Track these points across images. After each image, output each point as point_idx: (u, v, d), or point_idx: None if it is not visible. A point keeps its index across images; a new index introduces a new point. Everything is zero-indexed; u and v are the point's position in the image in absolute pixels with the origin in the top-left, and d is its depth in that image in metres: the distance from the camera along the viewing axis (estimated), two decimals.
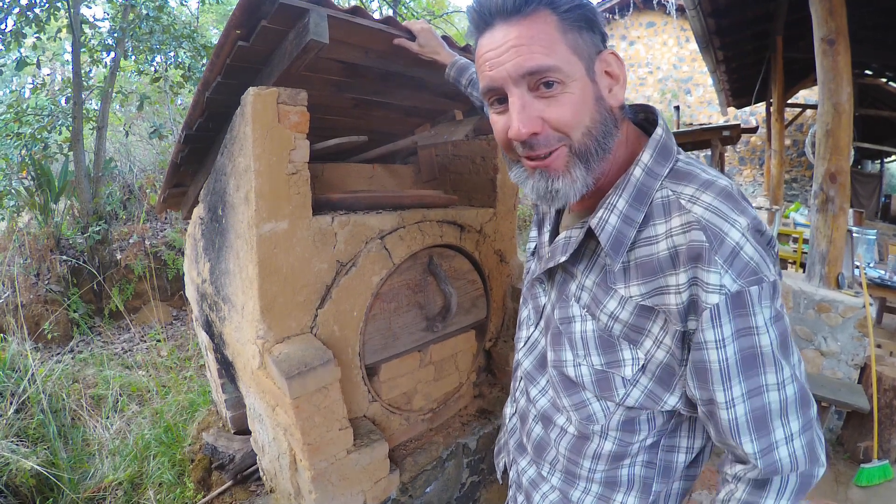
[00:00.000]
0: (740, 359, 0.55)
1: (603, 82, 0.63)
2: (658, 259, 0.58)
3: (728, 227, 0.54)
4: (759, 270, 0.54)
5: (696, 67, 9.74)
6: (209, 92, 1.19)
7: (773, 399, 0.57)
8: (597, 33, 0.62)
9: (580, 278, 0.69)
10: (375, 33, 1.16)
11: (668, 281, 0.58)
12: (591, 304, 0.67)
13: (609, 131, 0.63)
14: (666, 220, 0.59)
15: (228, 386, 1.94)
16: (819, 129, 2.93)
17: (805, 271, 3.11)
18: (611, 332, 0.65)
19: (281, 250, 1.18)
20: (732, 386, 0.56)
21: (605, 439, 0.71)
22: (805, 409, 0.58)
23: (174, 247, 4.32)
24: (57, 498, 1.87)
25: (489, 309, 1.80)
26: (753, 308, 0.54)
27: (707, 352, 0.56)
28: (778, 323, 0.56)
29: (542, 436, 0.79)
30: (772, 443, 0.58)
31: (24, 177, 4.15)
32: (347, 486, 1.27)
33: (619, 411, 0.68)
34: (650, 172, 0.62)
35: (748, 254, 0.54)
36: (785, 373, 0.56)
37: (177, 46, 4.29)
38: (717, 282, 0.53)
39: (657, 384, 0.64)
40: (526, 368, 0.82)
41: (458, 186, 1.98)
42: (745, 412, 0.57)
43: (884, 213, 9.05)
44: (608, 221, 0.62)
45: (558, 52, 0.59)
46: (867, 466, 2.38)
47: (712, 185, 0.58)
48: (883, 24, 4.82)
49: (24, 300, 3.33)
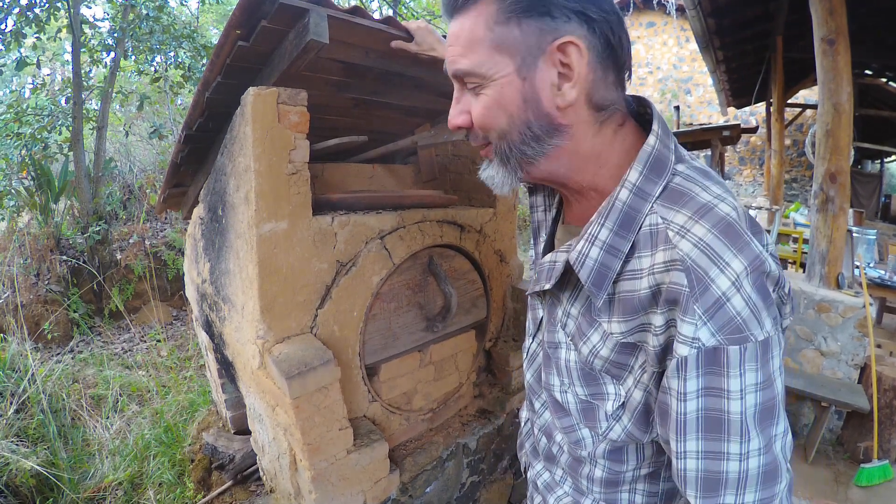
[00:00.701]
0: (703, 417, 0.49)
1: (545, 80, 0.54)
2: (639, 297, 0.53)
3: (716, 272, 0.47)
4: (744, 328, 0.46)
5: (696, 67, 9.75)
6: (209, 92, 1.19)
7: (732, 469, 0.49)
8: (556, 17, 0.52)
9: (566, 305, 0.64)
10: (375, 33, 1.16)
11: (649, 319, 0.53)
12: (576, 335, 0.62)
13: (538, 138, 0.56)
14: (651, 252, 0.52)
15: (228, 386, 1.94)
16: (819, 129, 2.93)
17: (805, 271, 3.11)
18: (592, 366, 0.61)
19: (281, 250, 1.18)
20: (686, 440, 0.50)
21: (595, 466, 0.68)
22: (769, 484, 0.49)
23: (174, 247, 4.32)
24: (57, 498, 1.87)
25: (489, 309, 1.80)
26: (729, 370, 0.47)
27: (670, 398, 0.51)
28: (764, 391, 0.48)
29: (547, 447, 0.78)
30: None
31: (24, 177, 4.15)
32: (347, 486, 1.27)
33: (604, 442, 0.64)
34: (639, 193, 0.54)
35: (735, 306, 0.46)
36: (752, 445, 0.48)
37: (177, 46, 4.30)
38: (690, 333, 0.47)
39: (636, 424, 0.60)
40: (529, 381, 0.80)
41: (458, 186, 1.98)
42: (696, 469, 0.50)
43: (884, 213, 9.06)
44: (588, 255, 0.56)
45: (476, 52, 0.55)
46: (867, 466, 2.38)
47: (709, 213, 0.49)
48: (883, 24, 4.82)
49: (24, 300, 3.34)
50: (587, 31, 0.53)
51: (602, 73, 0.55)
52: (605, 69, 0.55)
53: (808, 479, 2.45)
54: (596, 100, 0.56)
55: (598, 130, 0.58)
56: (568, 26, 0.52)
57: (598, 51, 0.54)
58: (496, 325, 1.87)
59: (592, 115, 0.57)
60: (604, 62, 0.55)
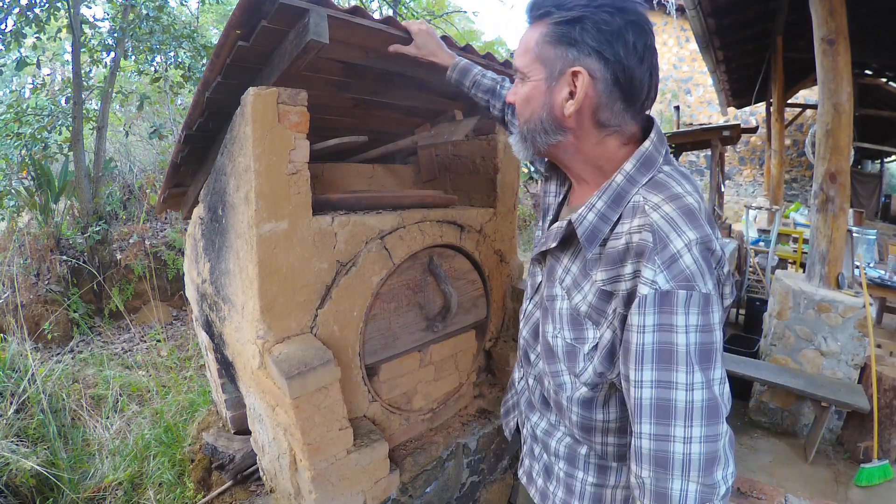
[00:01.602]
0: (656, 350, 0.61)
1: (560, 93, 0.71)
2: (618, 251, 0.68)
3: (675, 236, 0.61)
4: (692, 279, 0.60)
5: (696, 67, 9.76)
6: (209, 92, 1.19)
7: (680, 398, 0.60)
8: (582, 52, 0.68)
9: (566, 263, 0.80)
10: (375, 33, 1.16)
11: (622, 270, 0.67)
12: (571, 287, 0.77)
13: (546, 131, 0.75)
14: (631, 220, 0.67)
15: (228, 386, 1.95)
16: (819, 129, 2.93)
17: (805, 271, 3.11)
18: (578, 311, 0.74)
19: (281, 250, 1.18)
20: (643, 369, 0.62)
21: (572, 413, 0.80)
22: (712, 420, 0.60)
23: (174, 247, 4.32)
24: (57, 498, 1.87)
25: (489, 309, 1.80)
26: (677, 308, 0.60)
27: (631, 333, 0.63)
28: (703, 333, 0.60)
29: (541, 393, 0.91)
30: (669, 434, 0.60)
31: (24, 177, 4.15)
32: (347, 486, 1.27)
33: (579, 387, 0.76)
34: (630, 179, 0.71)
35: (686, 262, 0.61)
36: (695, 377, 0.59)
37: (177, 46, 4.29)
38: (651, 277, 0.61)
39: (602, 361, 0.72)
40: (524, 337, 0.94)
41: (458, 186, 1.98)
42: (650, 397, 0.61)
43: (884, 213, 9.06)
44: (586, 218, 0.73)
45: (527, 57, 0.74)
46: (867, 466, 2.38)
47: (677, 199, 0.65)
48: (883, 24, 4.82)
49: (24, 300, 3.34)
50: (601, 66, 0.68)
51: (608, 100, 0.70)
52: (611, 98, 0.70)
53: (808, 479, 2.45)
54: (599, 118, 0.72)
55: (601, 141, 0.74)
56: (587, 59, 0.68)
57: (607, 83, 0.68)
58: (496, 325, 1.87)
59: (595, 129, 0.73)
60: (611, 93, 0.69)
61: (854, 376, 2.76)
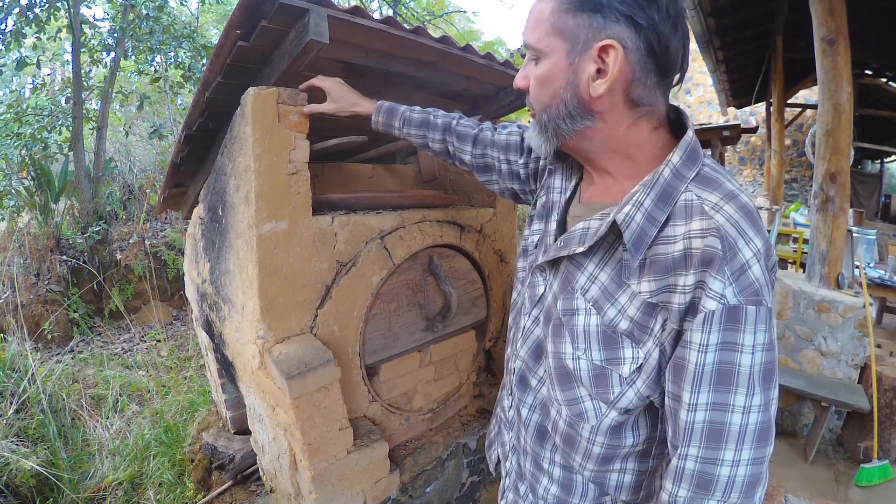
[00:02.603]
0: (716, 370, 0.55)
1: (585, 70, 0.61)
2: (672, 258, 0.58)
3: (743, 244, 0.55)
4: (760, 293, 0.54)
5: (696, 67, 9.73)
6: (209, 92, 1.19)
7: (735, 421, 0.55)
8: (608, 18, 0.58)
9: (591, 270, 0.68)
10: (375, 33, 1.16)
11: (676, 280, 0.58)
12: (600, 298, 0.66)
13: (572, 116, 0.65)
14: (686, 222, 0.58)
15: (228, 386, 1.95)
16: (819, 129, 2.93)
17: (805, 271, 3.11)
18: (615, 328, 0.64)
19: (281, 250, 1.18)
20: (700, 391, 0.56)
21: (594, 444, 0.70)
22: (762, 443, 0.56)
23: (174, 247, 4.32)
24: (57, 498, 1.87)
25: (489, 309, 1.80)
26: (745, 326, 0.54)
27: (689, 351, 0.56)
28: (768, 352, 0.55)
29: (539, 423, 0.79)
30: (717, 458, 0.56)
31: (24, 177, 4.15)
32: (347, 486, 1.27)
33: (610, 413, 0.67)
34: (677, 174, 0.61)
35: (755, 274, 0.54)
36: (755, 400, 0.55)
37: (177, 46, 4.29)
38: (719, 290, 0.54)
39: (650, 385, 0.63)
40: (522, 358, 0.82)
41: (458, 186, 1.98)
42: (703, 420, 0.56)
43: (884, 213, 9.05)
44: (634, 219, 0.61)
45: (539, 30, 0.63)
46: (867, 466, 2.38)
47: (735, 199, 0.58)
48: (883, 24, 4.82)
49: (24, 300, 3.34)
50: (633, 34, 0.58)
51: (641, 74, 0.61)
52: (645, 71, 0.61)
53: (808, 479, 2.45)
54: (633, 96, 0.62)
55: (634, 123, 0.65)
56: (615, 27, 0.58)
57: (640, 53, 0.59)
58: (496, 325, 1.87)
59: (628, 109, 0.63)
60: (645, 65, 0.60)
61: (854, 376, 2.76)
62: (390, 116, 1.11)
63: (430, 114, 1.10)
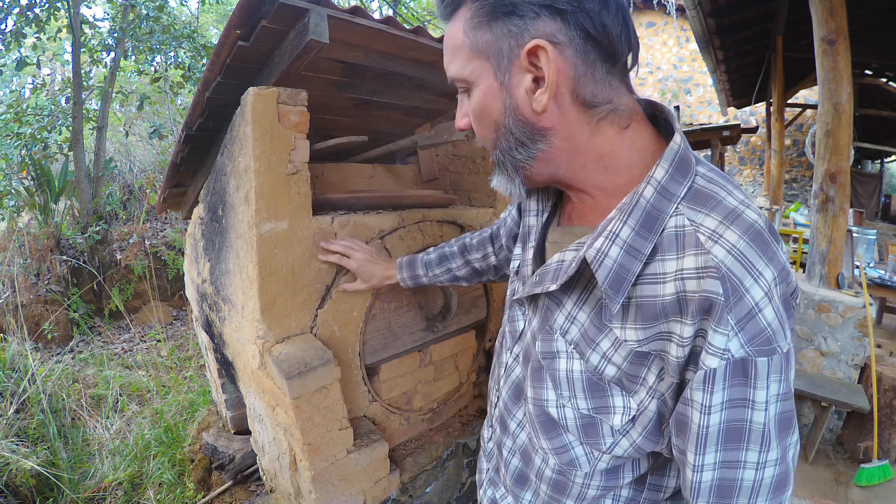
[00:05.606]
0: (724, 430, 0.48)
1: (520, 85, 0.52)
2: (663, 303, 0.49)
3: (751, 281, 0.45)
4: (773, 340, 0.46)
5: (696, 67, 9.75)
6: (209, 92, 1.19)
7: (748, 477, 0.48)
8: (526, 16, 0.49)
9: (570, 309, 0.59)
10: (375, 33, 1.16)
11: (671, 328, 0.49)
12: (581, 342, 0.57)
13: (523, 143, 0.55)
14: (678, 256, 0.49)
15: (228, 386, 1.94)
16: (819, 129, 2.93)
17: (805, 271, 3.11)
18: (601, 376, 0.56)
19: (281, 250, 1.18)
20: (706, 452, 0.49)
21: (588, 488, 0.63)
22: (779, 493, 0.49)
23: (174, 247, 4.33)
24: (57, 498, 1.87)
25: (489, 309, 1.80)
26: (756, 381, 0.46)
27: (691, 410, 0.49)
28: (784, 401, 0.48)
29: (519, 470, 0.71)
30: None
31: (24, 177, 4.16)
32: (347, 486, 1.27)
33: (604, 458, 0.59)
34: (663, 192, 0.51)
35: (766, 318, 0.45)
36: (770, 455, 0.48)
37: (177, 46, 4.30)
38: (721, 345, 0.45)
39: (648, 437, 0.56)
40: (503, 398, 0.73)
41: (458, 186, 1.98)
42: (711, 479, 0.50)
43: (884, 213, 9.05)
44: (608, 255, 0.51)
45: (459, 57, 0.55)
46: (867, 466, 2.38)
47: (739, 220, 0.47)
48: (883, 24, 4.82)
49: (24, 300, 3.34)
50: (560, 25, 0.49)
51: (586, 69, 0.51)
52: (589, 63, 0.51)
53: (808, 479, 2.45)
54: (583, 96, 0.52)
55: (596, 129, 0.54)
56: (538, 23, 0.49)
57: (576, 43, 0.50)
58: (496, 325, 1.87)
59: (583, 113, 0.53)
60: (586, 55, 0.50)
61: (854, 376, 2.76)
62: (412, 268, 1.14)
63: (444, 247, 1.12)
